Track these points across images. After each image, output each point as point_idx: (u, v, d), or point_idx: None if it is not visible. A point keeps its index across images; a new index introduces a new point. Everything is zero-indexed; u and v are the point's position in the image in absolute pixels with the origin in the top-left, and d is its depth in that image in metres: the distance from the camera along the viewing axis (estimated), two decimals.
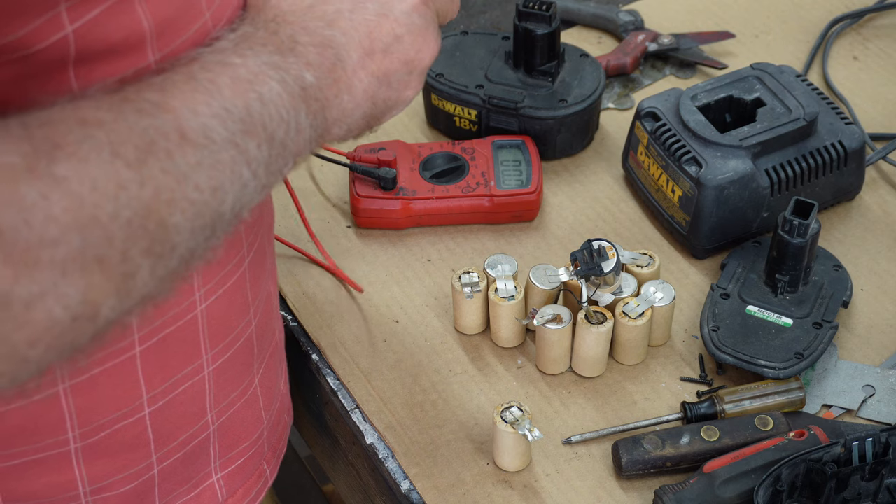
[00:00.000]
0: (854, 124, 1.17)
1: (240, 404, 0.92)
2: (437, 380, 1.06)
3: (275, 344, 0.97)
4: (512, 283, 1.06)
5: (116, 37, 0.68)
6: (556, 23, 1.20)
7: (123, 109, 0.63)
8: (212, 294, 0.83)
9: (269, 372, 0.96)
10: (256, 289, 0.89)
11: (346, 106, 0.77)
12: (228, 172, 0.66)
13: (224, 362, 0.87)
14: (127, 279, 0.61)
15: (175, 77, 0.67)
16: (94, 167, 0.59)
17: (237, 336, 0.88)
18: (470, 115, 1.22)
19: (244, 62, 0.70)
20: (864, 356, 1.07)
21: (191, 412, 0.87)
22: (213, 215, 0.66)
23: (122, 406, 0.82)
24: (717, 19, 1.38)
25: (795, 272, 1.05)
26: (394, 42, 0.79)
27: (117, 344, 0.78)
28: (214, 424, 0.90)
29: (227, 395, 0.90)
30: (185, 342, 0.83)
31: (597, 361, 1.05)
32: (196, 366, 0.85)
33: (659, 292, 1.05)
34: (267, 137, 0.69)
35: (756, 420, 0.99)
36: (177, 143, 0.64)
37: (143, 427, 0.84)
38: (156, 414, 0.84)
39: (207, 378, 0.87)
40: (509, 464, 0.99)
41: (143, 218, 0.61)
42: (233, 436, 0.93)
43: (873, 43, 1.35)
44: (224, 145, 0.66)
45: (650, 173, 1.16)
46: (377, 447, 1.02)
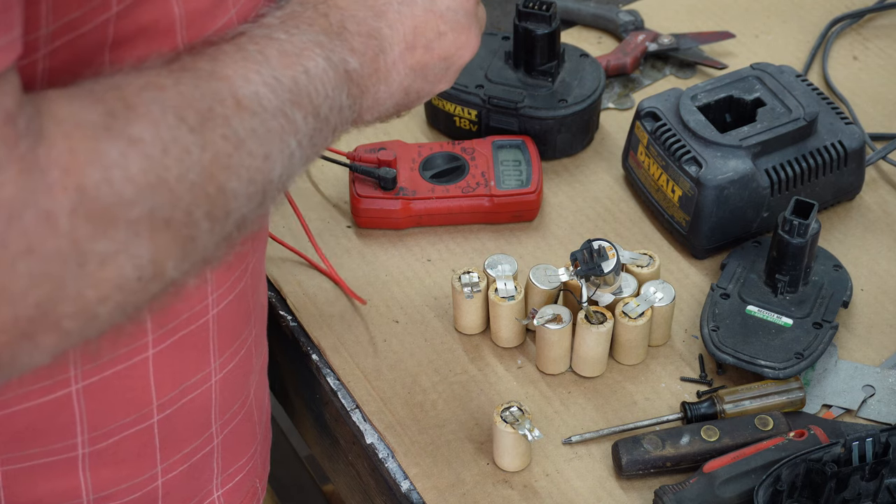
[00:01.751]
0: (854, 124, 1.17)
1: (240, 417, 0.92)
2: (437, 380, 1.06)
3: (264, 358, 0.97)
4: (512, 283, 1.06)
5: (148, 19, 0.69)
6: (556, 23, 1.20)
7: (182, 77, 0.64)
8: (223, 299, 0.83)
9: (260, 386, 0.96)
10: (258, 296, 0.90)
11: (381, 95, 0.78)
12: (278, 141, 0.67)
13: (229, 372, 0.87)
14: (189, 241, 0.62)
15: (225, 47, 0.68)
16: (163, 129, 0.61)
17: (241, 345, 0.88)
18: (470, 115, 1.22)
19: (290, 38, 0.71)
20: (864, 356, 1.07)
21: (197, 422, 0.87)
22: (265, 182, 0.67)
23: (132, 412, 0.82)
24: (717, 19, 1.38)
25: (795, 272, 1.05)
26: (436, 38, 0.80)
27: (132, 343, 0.78)
28: (218, 437, 0.90)
29: (230, 407, 0.90)
30: (197, 347, 0.83)
31: (597, 361, 1.05)
32: (205, 374, 0.85)
33: (659, 292, 1.05)
34: (313, 110, 0.70)
35: (756, 420, 0.99)
36: (233, 110, 0.65)
37: (151, 435, 0.84)
38: (164, 422, 0.84)
39: (214, 387, 0.87)
40: (509, 464, 0.99)
41: (205, 182, 0.62)
42: (233, 450, 0.93)
43: (873, 43, 1.35)
44: (275, 114, 0.67)
45: (650, 173, 1.16)
46: (377, 447, 1.02)
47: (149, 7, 0.68)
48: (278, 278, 1.14)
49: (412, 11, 0.79)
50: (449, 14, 0.81)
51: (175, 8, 0.69)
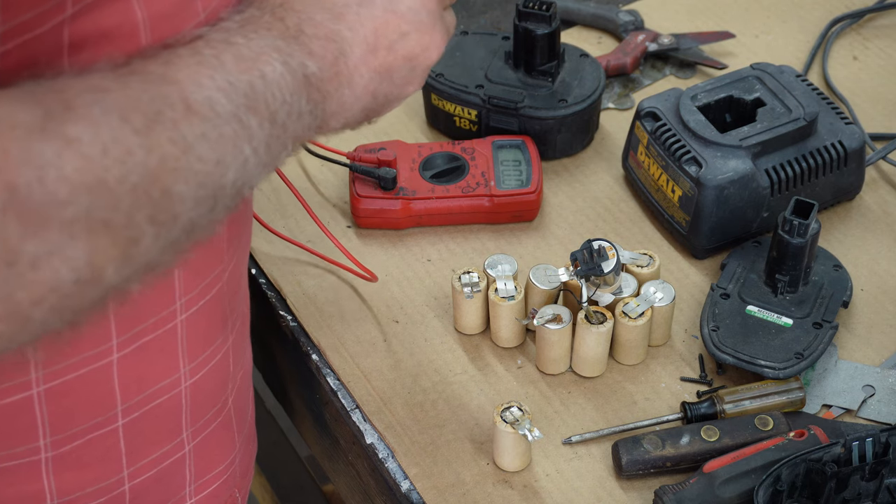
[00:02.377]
0: (854, 124, 1.17)
1: (216, 425, 0.91)
2: (437, 380, 1.06)
3: (246, 367, 0.96)
4: (512, 283, 1.06)
5: (109, 22, 0.68)
6: (556, 23, 1.20)
7: (130, 80, 0.64)
8: (193, 304, 0.82)
9: (241, 394, 0.95)
10: (234, 305, 0.88)
11: (345, 99, 0.77)
12: (231, 146, 0.67)
13: (201, 378, 0.86)
14: (131, 245, 0.62)
15: (180, 51, 0.68)
16: (104, 130, 0.60)
17: (214, 351, 0.87)
18: (470, 115, 1.22)
19: (247, 42, 0.70)
20: (864, 356, 1.07)
21: (166, 428, 0.86)
22: (215, 187, 0.66)
23: (95, 415, 0.81)
24: (717, 19, 1.38)
25: (795, 272, 1.05)
26: (399, 39, 0.79)
27: (95, 348, 0.77)
28: (190, 444, 0.89)
29: (204, 414, 0.89)
30: (164, 352, 0.82)
31: (597, 361, 1.05)
32: (173, 379, 0.84)
33: (659, 292, 1.05)
34: (269, 116, 0.69)
35: (756, 420, 0.99)
36: (182, 114, 0.64)
37: (116, 439, 0.83)
38: (129, 426, 0.83)
39: (184, 394, 0.86)
40: (509, 464, 0.99)
41: (148, 184, 0.61)
42: (208, 458, 0.92)
43: (873, 43, 1.35)
44: (228, 119, 0.67)
45: (650, 173, 1.16)
46: (377, 447, 1.02)
47: (108, 10, 0.67)
48: (278, 278, 1.14)
49: (372, 13, 0.78)
50: (410, 14, 0.79)
51: (137, 11, 0.69)
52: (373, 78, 0.78)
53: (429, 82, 1.23)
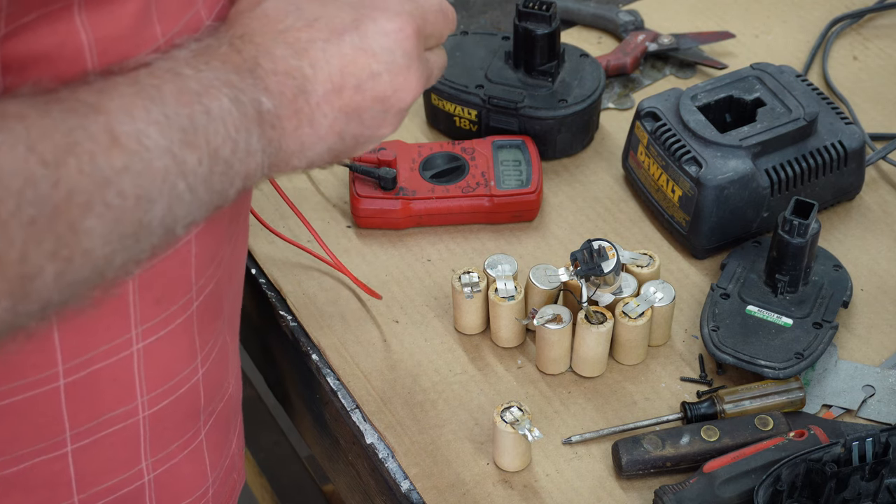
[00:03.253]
0: (854, 124, 1.17)
1: (181, 457, 0.88)
2: (437, 380, 1.06)
3: (228, 398, 0.92)
4: (512, 283, 1.06)
5: (47, 43, 0.66)
6: (556, 23, 1.20)
7: (51, 108, 0.61)
8: (151, 334, 0.79)
9: (217, 426, 0.91)
10: (207, 336, 0.85)
11: (306, 139, 0.73)
12: (160, 182, 0.64)
13: (163, 409, 0.83)
14: (26, 281, 0.59)
15: (118, 79, 0.65)
16: (5, 160, 0.57)
17: (180, 383, 0.84)
18: (470, 115, 1.22)
19: (196, 74, 0.67)
20: (864, 356, 1.07)
21: (122, 457, 0.83)
22: (136, 224, 0.63)
23: (42, 439, 0.78)
24: (717, 19, 1.38)
25: (795, 272, 1.05)
26: (368, 79, 0.75)
27: (39, 373, 0.75)
28: (150, 475, 0.86)
29: (167, 446, 0.86)
30: (117, 381, 0.80)
31: (597, 361, 1.05)
32: (129, 408, 0.81)
33: (659, 292, 1.05)
34: (210, 152, 0.66)
35: (756, 420, 0.99)
36: (104, 146, 0.62)
37: (65, 464, 0.80)
38: (79, 452, 0.80)
39: (143, 423, 0.83)
40: (509, 464, 0.99)
41: (50, 218, 0.59)
42: (172, 491, 0.89)
43: (873, 43, 1.35)
44: (159, 153, 0.64)
45: (650, 173, 1.16)
46: (377, 447, 1.02)
47: (46, 31, 0.65)
48: (278, 278, 1.14)
49: (339, 50, 0.73)
50: (383, 54, 0.75)
51: (81, 32, 0.66)
52: (338, 118, 0.74)
53: None
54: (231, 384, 0.93)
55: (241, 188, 0.70)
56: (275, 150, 0.72)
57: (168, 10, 0.72)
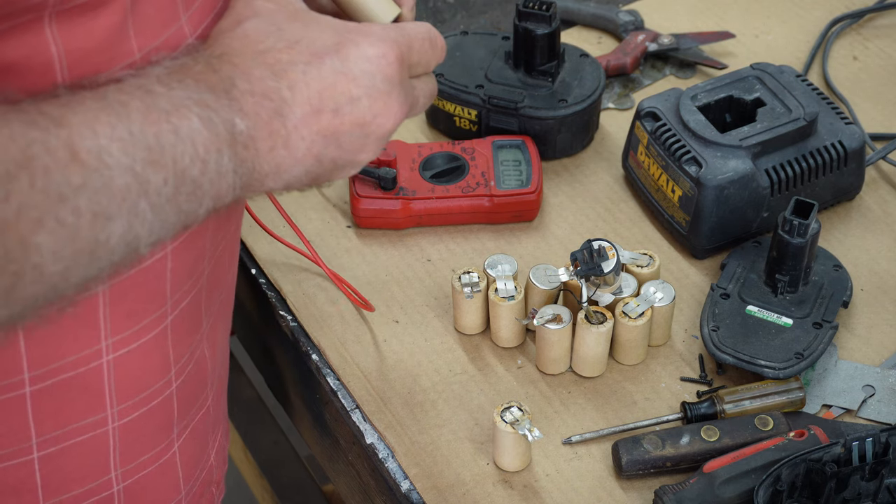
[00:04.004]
0: (854, 124, 1.17)
1: (152, 468, 0.87)
2: (437, 380, 1.06)
3: (205, 410, 0.92)
4: (512, 283, 1.06)
5: (16, 55, 0.65)
6: (556, 23, 1.20)
7: (10, 119, 0.60)
8: (122, 346, 0.79)
9: (193, 439, 0.90)
10: (182, 349, 0.84)
11: (282, 161, 0.72)
12: (119, 200, 0.63)
13: (134, 420, 0.83)
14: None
15: (85, 94, 0.64)
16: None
17: (152, 395, 0.83)
18: (470, 115, 1.22)
19: (168, 92, 0.66)
20: (864, 356, 1.07)
21: (89, 466, 0.83)
22: (92, 242, 0.62)
23: (7, 445, 0.78)
24: (717, 19, 1.38)
25: (795, 272, 1.05)
26: (347, 103, 0.73)
27: (5, 380, 0.75)
28: (119, 485, 0.85)
29: (138, 457, 0.85)
30: (86, 391, 0.79)
31: (597, 361, 1.05)
32: (98, 418, 0.81)
33: (659, 292, 1.05)
34: (176, 172, 0.66)
35: (756, 420, 0.99)
36: (63, 162, 0.61)
37: (31, 471, 0.80)
38: (46, 460, 0.80)
39: (112, 433, 0.82)
40: (509, 464, 0.99)
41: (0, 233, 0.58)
42: (143, 502, 0.88)
43: (873, 43, 1.35)
44: (120, 171, 0.63)
45: (650, 173, 1.16)
46: (377, 447, 1.02)
47: (15, 42, 0.65)
48: (278, 278, 1.14)
49: (320, 73, 0.72)
50: (364, 78, 0.73)
51: (52, 45, 0.66)
52: (316, 141, 0.73)
53: None
54: (210, 398, 0.92)
55: (211, 208, 0.69)
56: (248, 171, 0.71)
57: (146, 26, 0.71)
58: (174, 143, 0.65)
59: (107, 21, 0.68)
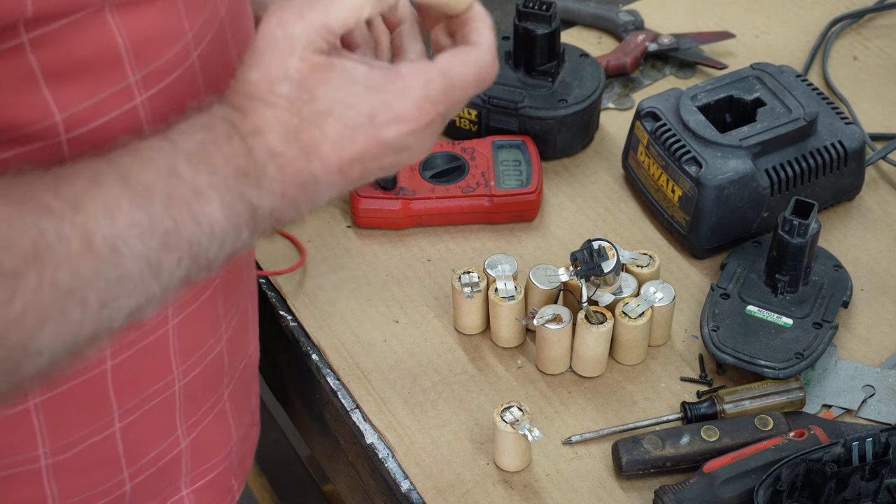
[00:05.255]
0: (854, 124, 1.17)
1: (209, 419, 0.91)
2: (437, 380, 1.06)
3: (247, 360, 0.95)
4: (512, 283, 1.06)
5: (85, 52, 0.65)
6: (556, 23, 1.20)
7: (24, 205, 0.60)
8: (182, 310, 0.81)
9: (239, 387, 0.94)
10: (229, 305, 0.87)
11: (304, 211, 0.73)
12: (131, 286, 0.63)
13: (194, 377, 0.86)
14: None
15: (108, 174, 0.64)
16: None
17: (207, 351, 0.86)
18: (470, 115, 1.22)
19: (194, 178, 0.66)
20: (864, 356, 1.07)
21: (162, 428, 0.86)
22: (97, 327, 0.63)
23: (92, 422, 0.80)
24: (717, 19, 1.38)
25: (795, 272, 1.05)
26: (374, 161, 0.73)
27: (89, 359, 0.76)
28: (186, 440, 0.89)
29: (197, 411, 0.89)
30: (157, 357, 0.82)
31: (597, 361, 1.05)
32: (167, 381, 0.84)
33: (659, 292, 1.05)
34: (191, 254, 0.66)
35: (756, 420, 0.99)
36: (76, 253, 0.60)
37: (114, 443, 0.82)
38: (126, 430, 0.83)
39: (178, 393, 0.85)
40: (509, 464, 0.99)
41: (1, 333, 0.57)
42: (203, 451, 0.92)
43: (873, 43, 1.35)
44: (134, 259, 0.63)
45: (650, 173, 1.16)
46: (377, 447, 1.02)
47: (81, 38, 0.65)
48: (278, 278, 1.14)
49: (352, 145, 0.71)
50: (396, 142, 0.72)
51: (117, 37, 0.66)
52: (341, 187, 0.73)
53: None
54: (250, 347, 0.95)
55: (222, 265, 0.70)
56: (266, 230, 0.71)
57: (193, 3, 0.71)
58: (192, 228, 0.66)
59: (163, 4, 0.69)
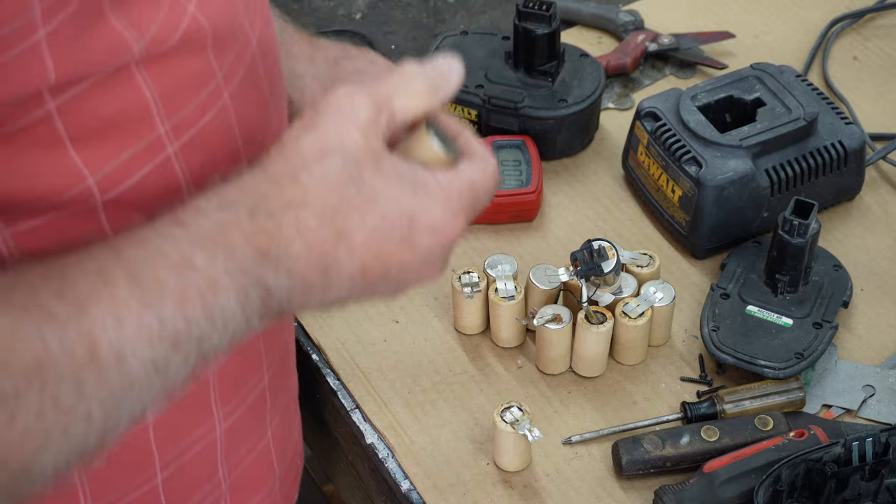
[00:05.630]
0: (854, 124, 1.17)
1: (251, 458, 0.89)
2: (437, 380, 1.06)
3: (289, 395, 0.94)
4: (512, 283, 1.06)
5: (112, 110, 0.64)
6: (556, 23, 1.20)
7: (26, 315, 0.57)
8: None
9: (283, 423, 0.93)
10: (270, 343, 0.86)
11: (312, 302, 0.69)
12: (136, 392, 0.61)
13: (236, 420, 0.85)
14: None
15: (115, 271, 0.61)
16: None
17: (249, 391, 0.85)
18: (470, 115, 1.22)
19: (210, 264, 0.63)
20: (864, 356, 1.07)
21: (203, 474, 0.85)
22: (102, 437, 0.60)
23: (135, 477, 0.79)
24: (717, 19, 1.38)
25: (795, 272, 1.05)
26: (397, 266, 0.69)
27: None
28: (227, 482, 0.88)
29: (239, 451, 0.87)
30: (197, 404, 0.80)
31: (597, 361, 1.05)
32: (207, 426, 0.82)
33: (659, 292, 1.05)
34: (200, 351, 0.63)
35: (756, 420, 0.99)
36: (80, 363, 0.58)
37: (156, 496, 0.81)
38: (168, 481, 0.82)
39: (219, 437, 0.84)
40: (509, 464, 0.99)
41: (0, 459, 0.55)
42: (244, 490, 0.90)
43: (873, 43, 1.35)
44: (141, 365, 0.60)
45: (650, 173, 1.16)
46: (377, 447, 1.02)
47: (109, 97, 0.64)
48: None
49: (384, 241, 0.68)
50: (425, 251, 0.69)
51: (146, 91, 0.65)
52: (352, 291, 0.69)
53: None
54: (291, 382, 0.94)
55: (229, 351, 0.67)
56: (275, 316, 0.68)
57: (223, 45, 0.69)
58: (205, 326, 0.63)
59: (190, 48, 0.67)
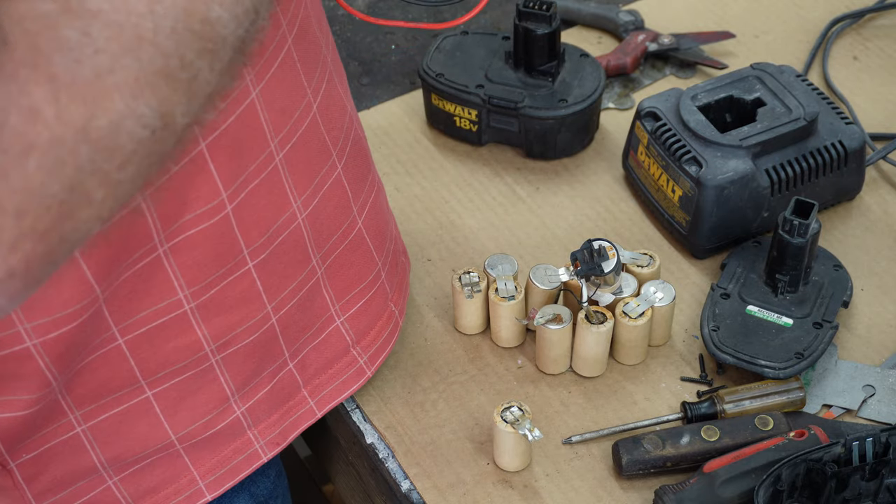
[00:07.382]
0: (854, 124, 1.17)
1: (344, 246, 0.96)
2: (437, 380, 1.06)
3: (375, 188, 1.00)
4: (512, 283, 1.06)
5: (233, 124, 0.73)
6: (556, 23, 1.20)
7: None
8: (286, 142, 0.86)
9: (373, 213, 0.99)
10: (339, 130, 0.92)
11: None
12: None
13: (315, 208, 0.91)
14: (191, 83, 0.63)
15: None
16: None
17: (323, 179, 0.91)
18: (470, 115, 1.22)
19: None
20: (864, 356, 1.07)
21: (294, 260, 0.91)
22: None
23: (226, 262, 0.85)
24: (717, 19, 1.38)
25: (795, 272, 1.05)
26: None
27: (207, 203, 0.82)
28: (322, 269, 0.94)
29: (328, 239, 0.93)
30: (273, 190, 0.86)
31: (597, 361, 1.05)
32: (289, 214, 0.88)
33: (659, 292, 1.05)
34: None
35: (756, 420, 0.99)
36: None
37: (251, 280, 0.88)
38: (260, 266, 0.88)
39: (303, 224, 0.90)
40: (509, 464, 0.99)
41: (185, 22, 0.62)
42: (344, 279, 0.97)
43: (873, 43, 1.35)
44: None
45: (650, 173, 1.16)
46: (377, 447, 1.02)
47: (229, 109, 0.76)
48: None
49: None
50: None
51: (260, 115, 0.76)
52: None
53: (429, 82, 1.23)
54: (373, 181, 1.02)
55: None
56: None
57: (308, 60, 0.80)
58: None
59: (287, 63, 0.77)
